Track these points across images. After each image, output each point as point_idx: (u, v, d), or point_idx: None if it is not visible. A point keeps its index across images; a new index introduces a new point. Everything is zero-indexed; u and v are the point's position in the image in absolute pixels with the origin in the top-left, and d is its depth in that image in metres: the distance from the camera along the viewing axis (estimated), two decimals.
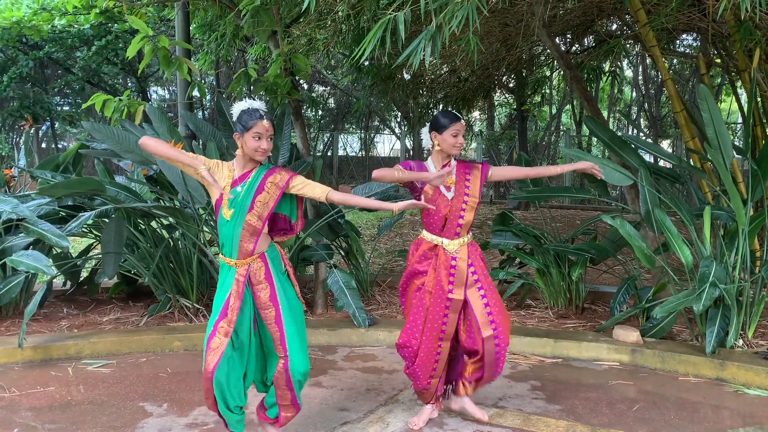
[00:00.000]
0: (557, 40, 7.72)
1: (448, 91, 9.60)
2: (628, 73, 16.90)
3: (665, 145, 16.04)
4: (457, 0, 3.14)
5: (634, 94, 17.87)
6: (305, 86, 16.69)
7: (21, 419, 3.38)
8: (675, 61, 13.39)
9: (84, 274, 5.89)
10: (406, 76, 9.19)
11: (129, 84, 15.88)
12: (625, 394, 3.84)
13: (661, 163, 9.37)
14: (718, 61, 6.83)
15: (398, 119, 18.50)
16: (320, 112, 18.29)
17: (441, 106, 10.48)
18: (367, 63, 7.66)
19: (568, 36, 8.52)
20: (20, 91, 13.48)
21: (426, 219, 3.20)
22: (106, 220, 5.08)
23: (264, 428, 3.07)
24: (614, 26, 8.70)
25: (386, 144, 20.30)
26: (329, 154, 17.79)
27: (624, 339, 4.47)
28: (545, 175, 3.42)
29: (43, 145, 17.40)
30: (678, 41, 10.25)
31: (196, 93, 5.63)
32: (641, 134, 16.62)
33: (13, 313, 5.09)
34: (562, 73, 9.70)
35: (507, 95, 15.17)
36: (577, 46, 9.17)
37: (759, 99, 5.55)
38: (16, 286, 4.64)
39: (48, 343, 4.40)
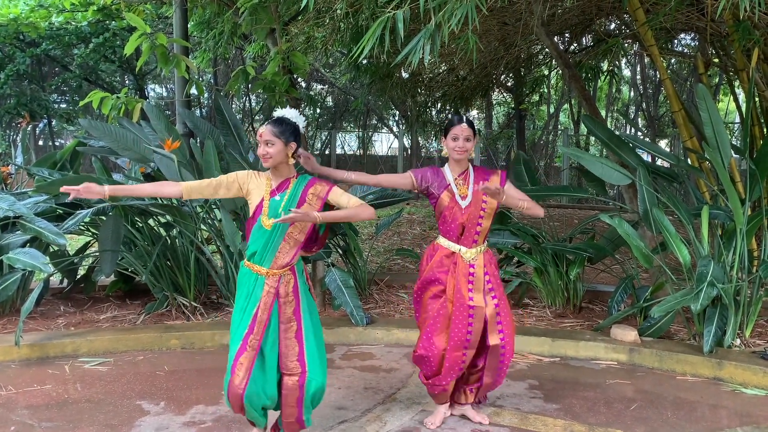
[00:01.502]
0: (556, 39, 7.72)
1: (446, 90, 9.60)
2: (627, 72, 16.90)
3: (663, 144, 16.06)
4: None
5: (632, 93, 17.88)
6: (303, 84, 16.67)
7: (17, 417, 3.37)
8: (673, 60, 13.40)
9: (81, 271, 5.88)
10: (405, 75, 9.19)
11: (127, 82, 15.83)
12: (622, 393, 3.84)
13: (659, 162, 9.38)
14: (717, 60, 6.84)
15: (396, 118, 18.49)
16: (318, 111, 18.27)
17: (439, 104, 10.48)
18: (365, 61, 7.66)
19: (567, 35, 8.53)
20: (17, 89, 13.43)
21: (443, 226, 3.16)
22: (104, 217, 5.06)
23: None
24: (613, 25, 8.70)
25: (384, 143, 20.26)
26: (327, 152, 17.77)
27: (622, 338, 4.47)
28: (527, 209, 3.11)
29: (41, 143, 17.33)
30: (676, 41, 10.26)
31: (194, 91, 5.63)
32: (639, 133, 16.64)
33: (10, 311, 5.07)
34: (560, 72, 9.71)
35: (505, 94, 15.18)
36: (575, 45, 9.17)
37: (757, 99, 5.56)
38: (12, 284, 4.62)
39: (45, 341, 4.39)
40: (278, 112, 2.86)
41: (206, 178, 3.03)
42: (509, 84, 12.18)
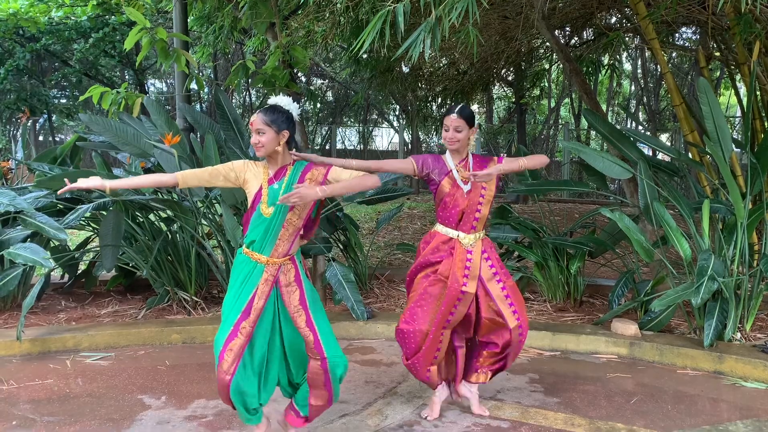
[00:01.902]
0: (556, 32, 7.70)
1: (446, 84, 9.58)
2: (627, 66, 16.86)
3: (664, 138, 16.04)
4: None
5: (633, 87, 17.85)
6: (303, 79, 16.64)
7: (19, 412, 3.39)
8: (674, 54, 13.35)
9: (82, 266, 5.88)
10: (405, 69, 9.17)
11: (126, 76, 15.80)
12: (623, 386, 3.85)
13: (660, 156, 9.37)
14: (718, 54, 6.82)
15: (396, 112, 18.47)
16: (318, 105, 18.24)
17: (440, 99, 10.46)
18: (365, 56, 7.64)
19: (568, 29, 8.49)
20: (17, 84, 13.41)
21: (442, 213, 3.19)
22: (104, 212, 5.07)
23: (285, 427, 2.99)
24: (613, 19, 8.67)
25: (384, 137, 20.23)
26: (327, 147, 17.76)
27: (622, 332, 4.48)
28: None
29: (41, 138, 17.33)
30: (677, 34, 10.20)
31: (194, 86, 5.62)
32: (640, 127, 16.62)
33: (11, 306, 5.08)
34: (561, 66, 9.68)
35: (506, 88, 15.15)
36: (576, 39, 9.13)
37: (758, 92, 5.54)
38: (14, 279, 4.63)
39: (46, 335, 4.39)
40: (271, 100, 2.82)
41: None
42: (510, 78, 12.16)
